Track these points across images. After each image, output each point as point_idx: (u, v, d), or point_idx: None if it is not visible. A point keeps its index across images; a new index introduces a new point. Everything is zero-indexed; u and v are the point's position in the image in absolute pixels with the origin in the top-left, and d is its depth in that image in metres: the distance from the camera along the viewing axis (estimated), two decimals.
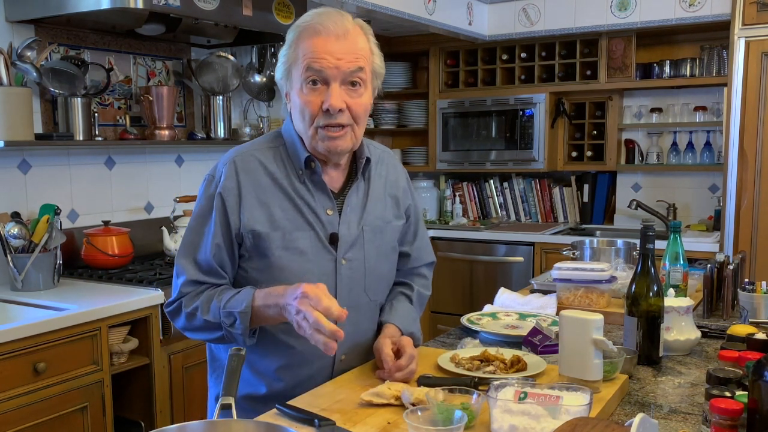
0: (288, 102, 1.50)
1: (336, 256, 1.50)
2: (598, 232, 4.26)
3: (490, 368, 1.48)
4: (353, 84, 1.42)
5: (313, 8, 3.64)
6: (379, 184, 1.60)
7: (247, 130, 3.58)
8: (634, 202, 4.17)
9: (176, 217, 3.07)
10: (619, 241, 2.63)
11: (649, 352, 1.62)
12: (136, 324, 2.46)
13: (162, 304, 2.48)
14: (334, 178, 1.54)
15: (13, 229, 2.50)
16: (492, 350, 1.56)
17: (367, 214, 1.56)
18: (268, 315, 1.39)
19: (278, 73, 1.48)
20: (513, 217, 4.72)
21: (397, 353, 1.48)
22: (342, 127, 1.43)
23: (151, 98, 3.04)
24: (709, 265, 2.10)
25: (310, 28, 1.41)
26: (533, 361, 1.53)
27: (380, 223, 1.58)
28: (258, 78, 3.66)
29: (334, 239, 1.50)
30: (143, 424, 2.52)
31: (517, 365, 1.48)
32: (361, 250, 1.54)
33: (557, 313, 2.01)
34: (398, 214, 1.64)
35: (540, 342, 1.67)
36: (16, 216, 2.58)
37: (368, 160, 1.56)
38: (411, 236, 1.70)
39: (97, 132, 2.86)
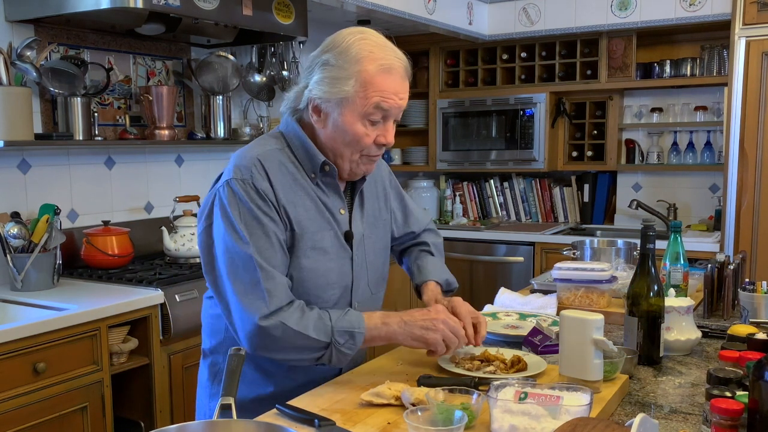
0: (319, 117, 1.46)
1: (351, 253, 1.54)
2: (598, 232, 4.26)
3: (491, 368, 1.47)
4: (396, 119, 1.49)
5: (313, 9, 3.64)
6: (370, 181, 1.64)
7: (247, 130, 3.58)
8: (635, 202, 4.17)
9: (176, 217, 3.07)
10: (620, 241, 2.63)
11: (649, 352, 1.62)
12: (136, 324, 2.46)
13: (162, 304, 2.48)
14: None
15: (13, 229, 2.50)
16: (492, 350, 1.56)
17: (365, 211, 1.61)
18: (376, 342, 1.45)
19: (323, 88, 1.42)
20: (513, 217, 4.72)
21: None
22: (380, 154, 1.52)
23: (150, 98, 3.04)
24: (709, 265, 2.09)
25: (381, 63, 1.41)
26: (533, 361, 1.53)
27: (374, 219, 1.64)
28: (258, 78, 3.66)
29: (348, 237, 1.54)
30: (143, 424, 2.52)
31: (517, 365, 1.48)
32: (363, 246, 1.58)
33: (557, 313, 2.01)
34: (385, 208, 1.70)
35: (540, 342, 1.67)
36: (15, 216, 2.58)
37: None
38: (401, 219, 1.78)
39: (96, 132, 2.86)
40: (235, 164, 1.45)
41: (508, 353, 1.55)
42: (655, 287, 1.62)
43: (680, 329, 1.70)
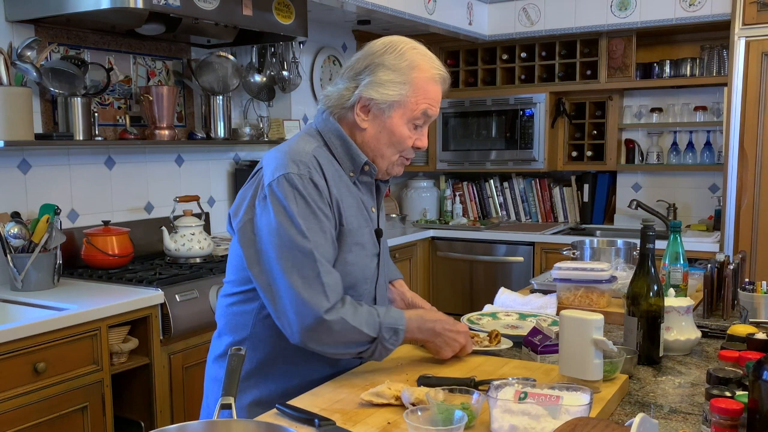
0: (366, 116, 1.53)
1: (379, 250, 1.62)
2: (598, 232, 4.26)
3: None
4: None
5: (314, 9, 3.63)
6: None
7: (247, 130, 3.57)
8: (634, 202, 4.17)
9: (176, 217, 3.07)
10: (619, 241, 2.63)
11: (649, 352, 1.62)
12: (136, 324, 2.46)
13: (162, 304, 2.48)
14: None
15: (13, 229, 2.50)
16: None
17: (382, 210, 1.70)
18: (414, 337, 1.55)
19: (379, 90, 1.50)
20: (513, 217, 4.72)
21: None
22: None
23: (151, 98, 3.04)
24: (709, 265, 2.09)
25: (431, 71, 1.53)
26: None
27: (386, 218, 1.74)
28: (258, 78, 3.66)
29: (379, 234, 1.63)
30: (143, 424, 2.52)
31: (495, 339, 1.70)
32: (385, 244, 1.67)
33: (557, 313, 2.01)
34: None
35: (540, 342, 1.67)
36: (16, 216, 2.58)
37: None
38: None
39: (97, 132, 2.86)
40: (291, 159, 1.47)
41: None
42: (655, 287, 1.62)
43: (680, 329, 1.70)
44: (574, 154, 4.50)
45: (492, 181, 4.76)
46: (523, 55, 4.42)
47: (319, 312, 1.39)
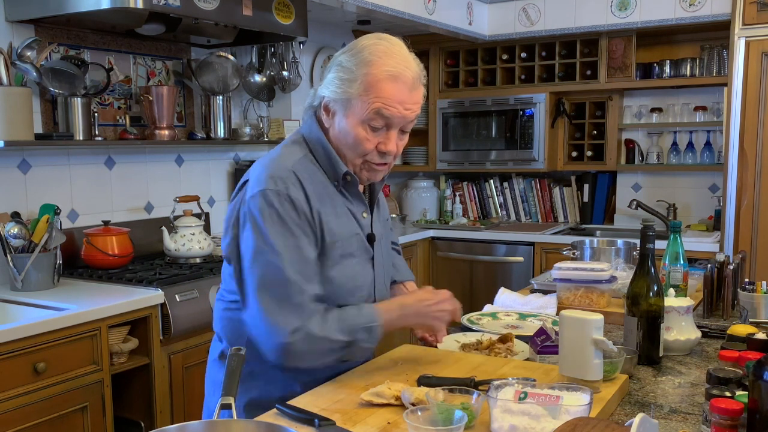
0: (327, 116, 1.49)
1: (373, 254, 1.57)
2: (598, 232, 4.26)
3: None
4: (404, 129, 1.49)
5: (314, 9, 3.63)
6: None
7: (247, 130, 3.57)
8: (634, 202, 4.17)
9: (176, 217, 3.07)
10: (619, 241, 2.63)
11: (649, 352, 1.62)
12: (136, 324, 2.46)
13: (162, 304, 2.48)
14: None
15: (13, 229, 2.50)
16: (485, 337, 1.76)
17: (380, 213, 1.66)
18: (402, 324, 1.54)
19: (331, 88, 1.45)
20: (513, 217, 4.72)
21: None
22: (386, 164, 1.51)
23: (151, 98, 3.04)
24: (709, 265, 2.09)
25: (386, 70, 1.41)
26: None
27: (383, 221, 1.69)
28: (258, 78, 3.66)
29: (371, 239, 1.57)
30: (143, 424, 2.52)
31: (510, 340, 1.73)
32: (380, 246, 1.62)
33: (557, 313, 2.01)
34: (386, 210, 1.77)
35: (541, 342, 1.67)
36: (16, 216, 2.58)
37: None
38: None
39: (96, 132, 2.86)
40: (269, 174, 1.43)
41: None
42: (655, 287, 1.62)
43: (680, 329, 1.70)
44: (574, 154, 4.50)
45: (492, 181, 4.76)
46: (523, 55, 4.42)
47: (281, 336, 1.38)
